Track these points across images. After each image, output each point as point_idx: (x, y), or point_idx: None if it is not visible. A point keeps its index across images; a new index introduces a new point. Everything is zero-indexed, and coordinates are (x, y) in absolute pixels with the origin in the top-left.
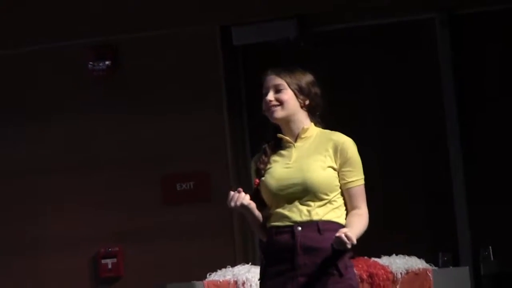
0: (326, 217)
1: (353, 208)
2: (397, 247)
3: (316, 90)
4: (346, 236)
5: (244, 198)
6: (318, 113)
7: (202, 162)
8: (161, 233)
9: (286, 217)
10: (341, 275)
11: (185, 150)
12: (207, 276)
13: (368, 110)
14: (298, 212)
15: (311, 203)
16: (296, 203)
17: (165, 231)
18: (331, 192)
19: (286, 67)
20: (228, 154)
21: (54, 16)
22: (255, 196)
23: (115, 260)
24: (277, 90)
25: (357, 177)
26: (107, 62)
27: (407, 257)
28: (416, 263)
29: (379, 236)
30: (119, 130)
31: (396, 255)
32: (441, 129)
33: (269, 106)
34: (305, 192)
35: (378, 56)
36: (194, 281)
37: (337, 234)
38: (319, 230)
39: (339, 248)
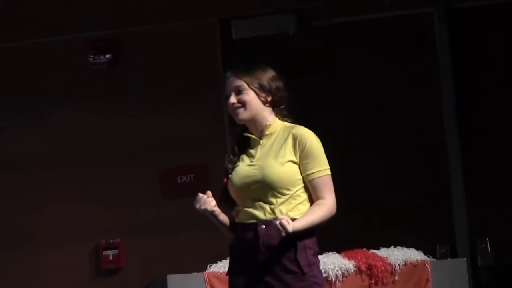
0: (290, 215)
1: (317, 199)
2: (395, 239)
3: (277, 84)
4: (281, 224)
5: (209, 203)
6: (283, 106)
7: (201, 155)
8: (161, 225)
9: (250, 215)
10: (303, 273)
11: (184, 143)
12: (207, 267)
13: (367, 104)
14: (262, 210)
15: (274, 200)
16: (260, 200)
17: (165, 223)
18: (293, 186)
19: (245, 67)
20: (227, 147)
21: (56, 10)
22: (225, 195)
23: (116, 251)
24: (238, 92)
25: (317, 169)
26: (107, 56)
27: (405, 249)
28: (414, 255)
29: (378, 228)
30: (119, 124)
31: (395, 247)
32: (440, 124)
33: (233, 109)
34: (266, 189)
35: (376, 51)
36: (194, 273)
37: (275, 221)
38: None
39: (277, 233)
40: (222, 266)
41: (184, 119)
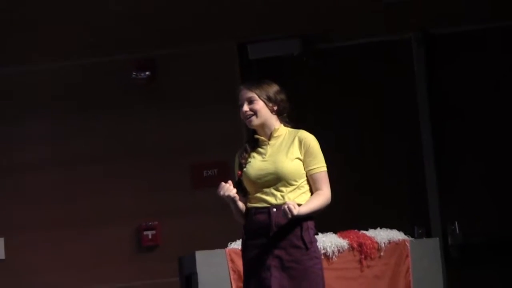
0: (296, 201)
1: (316, 190)
2: (381, 221)
3: (282, 97)
4: (289, 208)
5: (231, 190)
6: (285, 114)
7: (222, 154)
8: (191, 210)
9: (263, 201)
10: (307, 248)
11: (209, 144)
12: (228, 244)
13: (359, 113)
14: (273, 197)
15: (283, 189)
16: (272, 189)
17: (194, 209)
18: (299, 178)
19: (255, 81)
20: None
21: (107, 35)
22: (238, 184)
23: (154, 232)
24: (250, 102)
25: (317, 165)
26: (147, 73)
27: (389, 230)
28: (396, 235)
29: (367, 213)
30: (156, 127)
31: (381, 228)
32: (416, 129)
33: (246, 116)
34: (278, 180)
35: (364, 69)
36: (217, 249)
37: (284, 205)
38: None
39: (284, 217)
40: (239, 244)
41: (209, 124)
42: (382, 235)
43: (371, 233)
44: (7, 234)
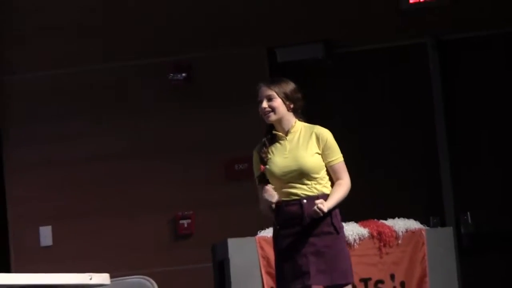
0: (323, 191)
1: (337, 179)
2: (399, 212)
3: (298, 95)
4: (319, 208)
5: (274, 197)
6: (299, 111)
7: (252, 149)
8: (223, 201)
9: (292, 194)
10: (338, 233)
11: (241, 140)
12: (258, 232)
13: (378, 111)
14: (301, 189)
15: (308, 182)
16: (297, 183)
17: (226, 200)
18: (320, 171)
19: (274, 80)
20: None
21: (147, 41)
22: (262, 178)
23: (189, 221)
24: (269, 99)
25: (335, 157)
26: (183, 74)
27: (406, 219)
28: (413, 224)
29: (386, 204)
30: (192, 125)
31: (398, 218)
32: (431, 126)
33: (264, 112)
34: (302, 175)
35: (383, 72)
36: (248, 237)
37: (313, 208)
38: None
39: (316, 216)
40: (269, 232)
41: (240, 122)
42: (400, 224)
43: (389, 222)
44: (54, 222)
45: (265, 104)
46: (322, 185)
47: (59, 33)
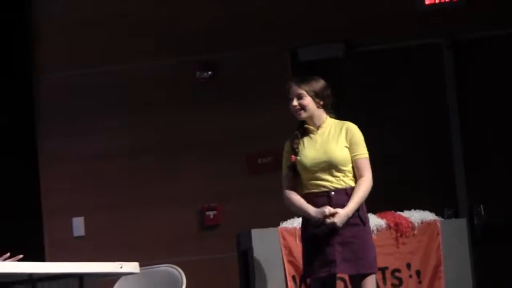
0: (349, 184)
1: (360, 175)
2: (415, 204)
3: (327, 92)
4: (333, 224)
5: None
6: (329, 107)
7: (276, 144)
8: (247, 193)
9: (321, 186)
10: (364, 224)
11: (263, 135)
12: (280, 223)
13: (393, 108)
14: (329, 182)
15: (337, 174)
16: (326, 175)
17: (249, 192)
18: (348, 164)
19: (304, 78)
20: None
21: (176, 41)
22: (293, 168)
23: (215, 212)
24: (299, 97)
25: (360, 152)
26: (209, 72)
27: (422, 211)
28: (428, 216)
29: (403, 196)
30: (217, 121)
31: (415, 209)
32: (446, 122)
33: (295, 110)
34: (331, 167)
35: (399, 70)
36: (271, 227)
37: (329, 221)
38: (347, 194)
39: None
40: (290, 223)
41: (263, 118)
42: (416, 216)
43: (406, 214)
44: (87, 213)
45: (295, 102)
46: (349, 178)
47: (88, 35)
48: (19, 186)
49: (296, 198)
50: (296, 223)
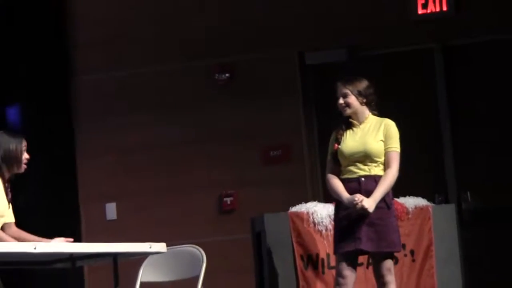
0: (378, 173)
1: (388, 166)
2: (409, 191)
3: (370, 91)
4: (363, 208)
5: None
6: (372, 104)
7: (286, 138)
8: (260, 182)
9: (354, 172)
10: (389, 207)
11: (275, 130)
12: (290, 208)
13: (390, 106)
14: (362, 170)
15: (370, 164)
16: (361, 164)
17: (263, 180)
18: (382, 155)
19: (349, 78)
20: (302, 133)
21: (196, 46)
22: (335, 156)
23: (232, 198)
24: (344, 96)
25: (392, 145)
26: (227, 74)
27: (415, 197)
28: (421, 202)
29: (399, 184)
30: (234, 117)
31: (409, 196)
32: (436, 118)
33: (341, 107)
34: (366, 157)
35: (396, 73)
36: (282, 212)
37: (359, 206)
38: (375, 181)
39: (364, 212)
40: (299, 208)
41: (275, 114)
42: (410, 202)
43: (401, 200)
44: (118, 199)
45: (341, 100)
46: (380, 168)
47: (121, 40)
48: (59, 177)
49: (336, 182)
50: (303, 208)
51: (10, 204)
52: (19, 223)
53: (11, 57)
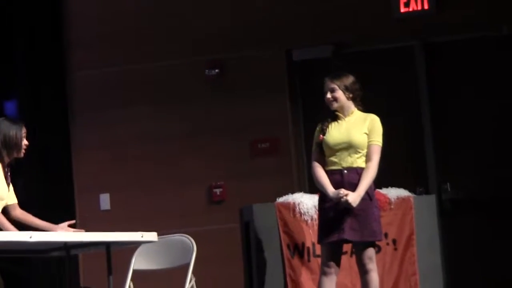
0: (361, 165)
1: (368, 159)
2: (392, 182)
3: (356, 87)
4: (347, 202)
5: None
6: (358, 99)
7: (273, 131)
8: (249, 173)
9: (337, 163)
10: (371, 199)
11: (262, 124)
12: (277, 199)
13: (374, 101)
14: (345, 161)
15: (353, 155)
16: (344, 155)
17: (251, 172)
18: (365, 148)
19: (336, 74)
20: (289, 127)
21: (188, 43)
22: (320, 146)
23: (221, 189)
24: (332, 91)
25: (375, 139)
26: (217, 70)
27: (397, 189)
28: (403, 192)
29: (382, 176)
30: (223, 112)
31: (391, 187)
32: (418, 113)
33: (328, 101)
34: (349, 148)
35: (379, 69)
36: (269, 202)
37: (344, 199)
38: (357, 173)
39: (348, 206)
40: (285, 199)
41: (263, 109)
42: (392, 193)
43: (384, 191)
44: (112, 190)
45: (329, 95)
46: (362, 160)
47: (116, 37)
48: (55, 168)
49: (321, 173)
50: (290, 199)
51: (11, 187)
52: None
53: (9, 54)
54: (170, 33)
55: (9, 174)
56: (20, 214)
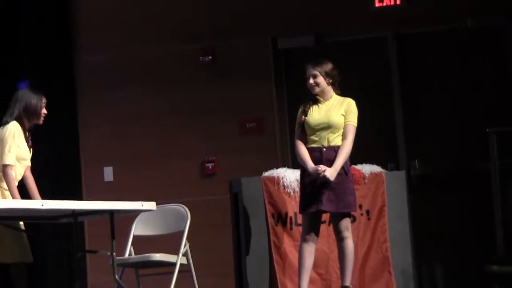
0: (338, 143)
1: (344, 137)
2: (366, 158)
3: (335, 73)
4: (325, 177)
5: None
6: (336, 84)
7: (260, 112)
8: (238, 150)
9: (317, 142)
10: (346, 174)
11: (251, 106)
12: (263, 173)
13: (350, 86)
14: (324, 140)
15: (331, 135)
16: (324, 134)
17: (240, 148)
18: (341, 128)
19: (317, 61)
20: (274, 109)
21: (183, 31)
22: (302, 126)
23: (213, 164)
24: (314, 77)
25: (350, 119)
26: (209, 57)
27: (371, 165)
28: (376, 168)
29: (357, 153)
30: (216, 94)
31: (365, 163)
32: (389, 99)
33: (311, 86)
34: (328, 128)
35: (356, 57)
36: (256, 176)
37: (322, 174)
38: (334, 151)
39: (325, 179)
40: (270, 173)
41: (251, 92)
42: (366, 168)
43: (359, 166)
44: (115, 164)
45: (311, 80)
46: (339, 139)
47: (117, 25)
48: (64, 143)
49: (303, 150)
50: (275, 173)
51: (31, 150)
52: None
53: (20, 40)
54: (169, 23)
55: (29, 138)
56: (28, 176)
